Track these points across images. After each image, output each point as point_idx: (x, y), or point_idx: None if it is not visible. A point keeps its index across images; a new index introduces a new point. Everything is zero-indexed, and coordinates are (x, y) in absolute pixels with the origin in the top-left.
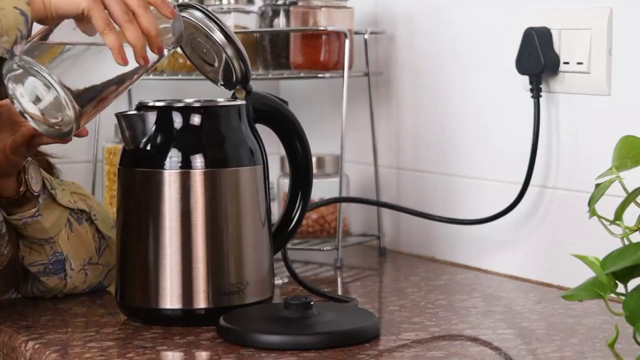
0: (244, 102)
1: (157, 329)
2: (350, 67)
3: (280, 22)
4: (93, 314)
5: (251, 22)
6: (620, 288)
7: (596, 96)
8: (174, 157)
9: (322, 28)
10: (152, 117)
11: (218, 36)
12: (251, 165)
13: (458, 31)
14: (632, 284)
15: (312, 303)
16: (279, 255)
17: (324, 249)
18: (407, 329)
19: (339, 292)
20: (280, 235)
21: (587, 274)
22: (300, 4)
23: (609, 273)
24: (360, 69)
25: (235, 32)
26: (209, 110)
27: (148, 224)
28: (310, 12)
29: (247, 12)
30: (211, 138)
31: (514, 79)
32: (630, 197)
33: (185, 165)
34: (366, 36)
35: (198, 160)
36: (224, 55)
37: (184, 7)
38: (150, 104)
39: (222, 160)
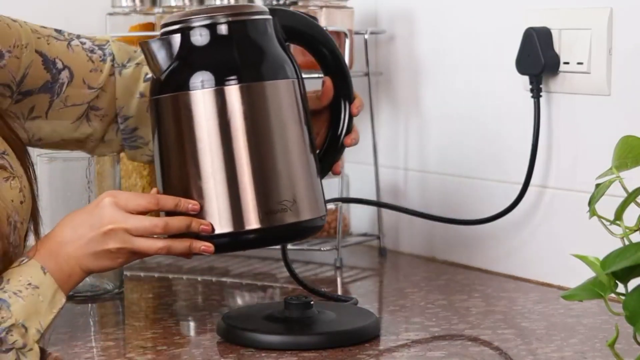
0: (270, 17)
1: (158, 328)
2: (350, 67)
3: None
4: (93, 314)
5: None
6: (620, 288)
7: (596, 96)
8: (205, 76)
9: None
10: (177, 39)
11: None
12: (288, 78)
13: (458, 31)
14: (632, 284)
15: (312, 303)
16: None
17: (324, 249)
18: (407, 329)
19: (339, 292)
20: (329, 154)
21: (587, 274)
22: (300, 4)
23: (609, 273)
24: (360, 69)
25: None
26: (236, 24)
27: (186, 150)
28: (310, 12)
29: None
30: (242, 52)
31: (514, 79)
32: (630, 197)
33: (219, 83)
34: (366, 36)
35: (232, 76)
36: None
37: None
38: (174, 27)
39: (257, 74)
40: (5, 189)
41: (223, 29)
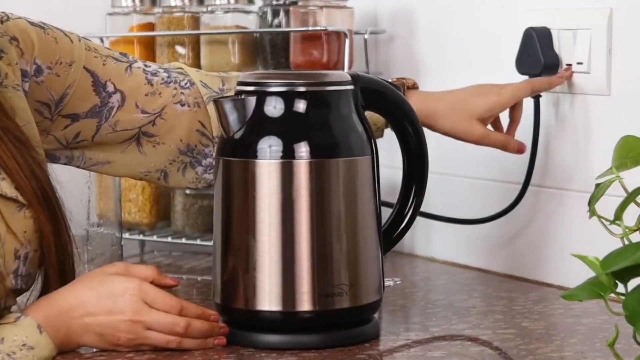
0: (352, 86)
1: None
2: (350, 67)
3: (280, 22)
4: None
5: (251, 22)
6: (620, 288)
7: (596, 96)
8: (274, 146)
9: (322, 28)
10: (251, 102)
11: None
12: (361, 155)
13: (458, 31)
14: (632, 284)
15: None
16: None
17: None
18: (407, 329)
19: None
20: (390, 233)
21: (587, 274)
22: (300, 4)
23: (609, 273)
24: (360, 69)
25: (235, 32)
26: (315, 94)
27: (245, 218)
28: (310, 12)
29: (247, 12)
30: (317, 125)
31: (514, 79)
32: (630, 197)
33: (288, 155)
34: (366, 36)
35: (302, 149)
36: None
37: None
38: (249, 88)
39: (329, 150)
40: (17, 218)
41: (299, 99)
